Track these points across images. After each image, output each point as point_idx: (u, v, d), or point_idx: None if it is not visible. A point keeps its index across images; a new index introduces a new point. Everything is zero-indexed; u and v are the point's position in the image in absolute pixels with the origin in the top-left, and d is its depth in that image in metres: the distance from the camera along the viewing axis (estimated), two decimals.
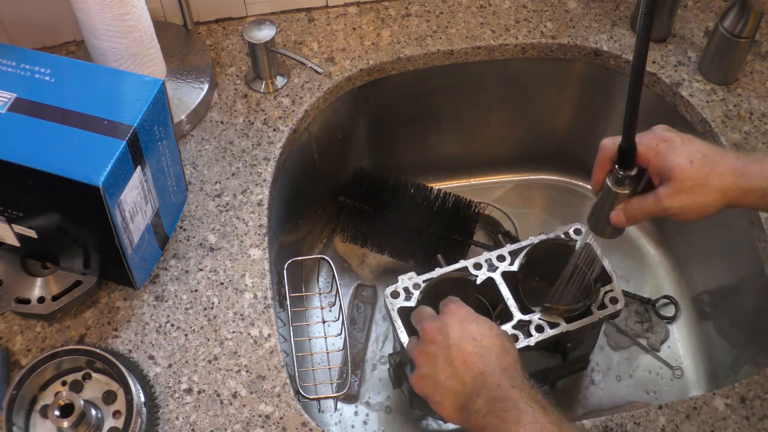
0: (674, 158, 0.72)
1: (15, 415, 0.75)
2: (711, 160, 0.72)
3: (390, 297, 0.89)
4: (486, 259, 0.92)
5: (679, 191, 0.72)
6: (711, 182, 0.72)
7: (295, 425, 0.80)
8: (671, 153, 0.72)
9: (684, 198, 0.72)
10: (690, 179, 0.72)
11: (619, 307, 0.88)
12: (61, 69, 0.78)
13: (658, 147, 0.73)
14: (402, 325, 0.87)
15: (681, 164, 0.72)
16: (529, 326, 0.87)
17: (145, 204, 0.81)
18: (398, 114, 1.17)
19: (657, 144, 0.73)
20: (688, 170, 0.72)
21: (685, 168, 0.72)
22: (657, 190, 0.74)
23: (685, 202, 0.72)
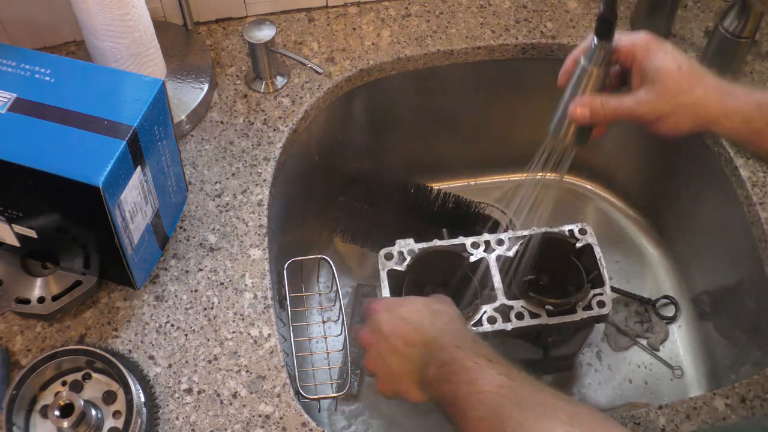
0: (663, 59, 0.68)
1: (15, 415, 0.75)
2: (699, 71, 0.69)
3: (383, 258, 0.92)
4: (485, 240, 0.93)
5: (662, 96, 0.68)
6: (696, 93, 0.68)
7: (295, 425, 0.80)
8: (661, 54, 0.68)
9: (664, 105, 0.68)
10: (676, 84, 0.67)
11: (604, 311, 0.88)
12: (61, 69, 0.78)
13: (649, 45, 0.69)
14: (388, 287, 0.90)
15: (669, 67, 0.67)
16: (510, 312, 0.88)
17: (145, 204, 0.81)
18: (398, 114, 1.17)
19: (648, 42, 0.69)
20: (675, 75, 0.67)
21: (672, 71, 0.67)
22: (637, 91, 0.69)
23: (665, 109, 0.68)
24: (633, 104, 0.69)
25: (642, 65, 0.69)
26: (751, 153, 0.70)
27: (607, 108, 0.69)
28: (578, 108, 0.70)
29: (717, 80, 0.69)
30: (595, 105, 0.70)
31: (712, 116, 0.68)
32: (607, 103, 0.69)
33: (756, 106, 0.67)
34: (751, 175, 0.97)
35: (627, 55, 0.69)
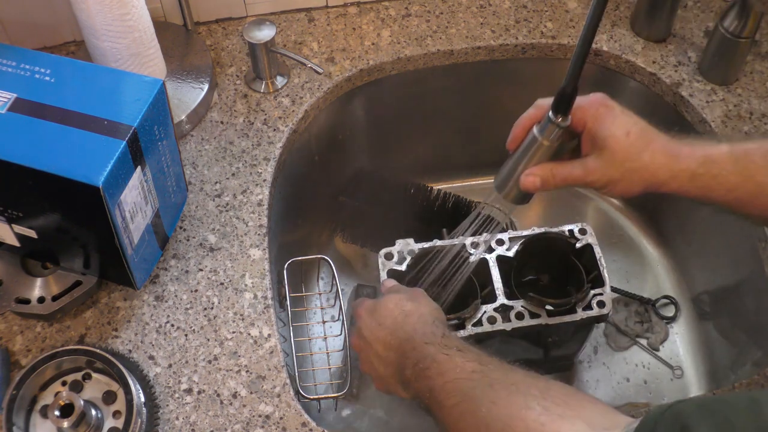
0: (611, 126, 0.69)
1: (15, 415, 0.75)
2: (646, 135, 0.70)
3: (383, 258, 0.92)
4: (485, 240, 0.93)
5: (610, 163, 0.69)
6: (643, 159, 0.69)
7: (295, 425, 0.80)
8: (609, 120, 0.69)
9: (613, 171, 0.69)
10: (623, 152, 0.69)
11: (604, 311, 0.88)
12: (61, 69, 0.78)
13: (598, 111, 0.70)
14: None
15: (617, 134, 0.69)
16: (511, 312, 0.88)
17: (145, 204, 0.81)
18: (398, 114, 1.17)
19: (597, 108, 0.70)
20: (622, 142, 0.68)
21: (620, 139, 0.68)
22: (586, 159, 0.70)
23: (614, 176, 0.69)
24: (582, 173, 0.70)
25: (592, 132, 0.70)
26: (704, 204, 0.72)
27: (558, 177, 0.71)
28: (530, 177, 0.72)
29: (665, 142, 0.70)
30: (545, 175, 0.71)
31: (660, 179, 0.70)
32: (557, 173, 0.71)
33: (701, 163, 0.69)
34: None
35: (578, 121, 0.70)
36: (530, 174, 0.71)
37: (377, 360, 0.77)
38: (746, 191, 0.69)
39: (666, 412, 0.49)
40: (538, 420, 0.58)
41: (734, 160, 0.68)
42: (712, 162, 0.69)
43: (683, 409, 0.48)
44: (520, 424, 0.58)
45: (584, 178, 0.70)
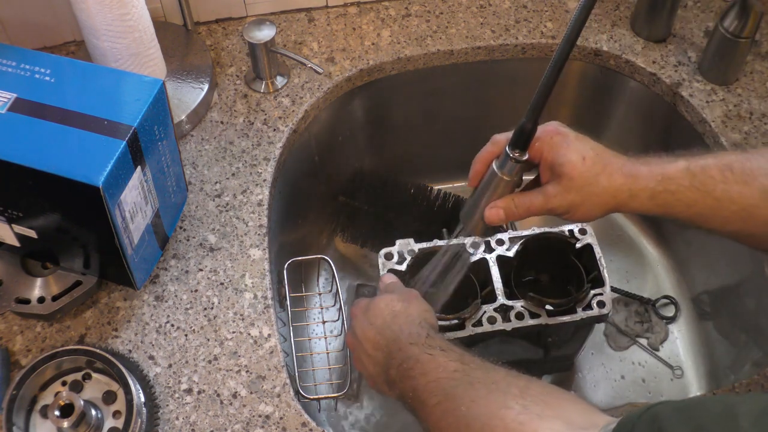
0: (566, 153, 0.70)
1: (15, 415, 0.75)
2: (602, 159, 0.71)
3: (383, 258, 0.92)
4: (485, 240, 0.93)
5: (569, 189, 0.70)
6: (601, 182, 0.70)
7: (295, 425, 0.80)
8: (564, 148, 0.71)
9: (573, 196, 0.70)
10: (580, 177, 0.70)
11: (604, 311, 0.88)
12: (61, 69, 0.78)
13: (553, 140, 0.71)
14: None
15: (573, 160, 0.70)
16: (510, 312, 0.88)
17: (145, 204, 0.81)
18: (398, 114, 1.17)
19: (552, 137, 0.71)
20: (579, 167, 0.70)
21: (576, 165, 0.70)
22: (545, 187, 0.72)
23: (574, 200, 0.71)
24: (543, 201, 0.72)
25: (548, 161, 0.71)
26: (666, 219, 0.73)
27: (521, 208, 0.73)
28: (493, 210, 0.73)
29: (622, 163, 0.71)
30: (509, 207, 0.73)
31: (620, 200, 0.71)
32: (520, 204, 0.73)
33: (659, 181, 0.70)
34: None
35: (535, 152, 0.72)
36: (493, 207, 0.73)
37: (367, 359, 0.77)
38: (705, 206, 0.70)
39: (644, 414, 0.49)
40: (517, 419, 0.58)
41: (691, 175, 0.69)
42: (669, 179, 0.70)
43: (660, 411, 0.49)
44: (499, 423, 0.58)
45: (545, 205, 0.72)
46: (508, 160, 0.70)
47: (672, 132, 1.08)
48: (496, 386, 0.63)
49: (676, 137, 1.08)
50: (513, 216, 0.73)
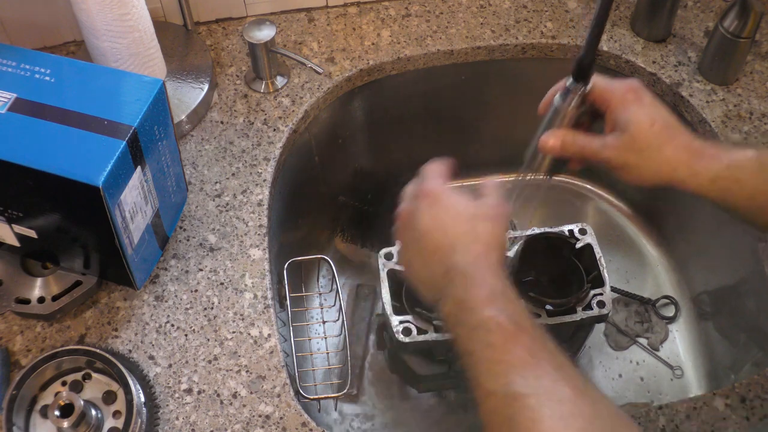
0: (637, 112, 0.69)
1: (15, 415, 0.75)
2: (672, 130, 0.69)
3: (383, 258, 0.92)
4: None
5: (629, 148, 0.69)
6: (664, 152, 0.68)
7: (295, 425, 0.80)
8: (635, 106, 0.69)
9: (630, 156, 0.69)
10: (644, 140, 0.68)
11: (604, 311, 0.88)
12: (61, 69, 0.78)
13: (626, 96, 0.70)
14: (387, 287, 0.89)
15: (641, 121, 0.68)
16: None
17: (145, 204, 0.81)
18: (398, 114, 1.17)
19: (626, 93, 0.70)
20: (645, 131, 0.68)
21: (643, 127, 0.68)
22: (607, 136, 0.70)
23: (630, 161, 0.69)
24: (599, 147, 0.70)
25: (615, 114, 0.70)
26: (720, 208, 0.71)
27: (576, 145, 0.71)
28: (550, 140, 0.72)
29: (690, 140, 0.70)
30: (566, 139, 0.72)
31: (679, 176, 0.69)
32: (576, 141, 0.71)
33: (725, 166, 0.68)
34: None
35: (602, 100, 0.70)
36: (551, 135, 0.71)
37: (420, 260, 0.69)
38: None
39: None
40: None
41: (760, 166, 0.68)
42: (736, 166, 0.68)
43: None
44: None
45: (599, 153, 0.70)
46: (569, 93, 0.70)
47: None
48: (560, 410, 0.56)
49: None
50: (567, 148, 0.70)
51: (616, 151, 0.69)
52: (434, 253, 0.67)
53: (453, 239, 0.67)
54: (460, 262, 0.65)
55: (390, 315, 0.88)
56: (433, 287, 0.67)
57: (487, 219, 0.68)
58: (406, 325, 0.88)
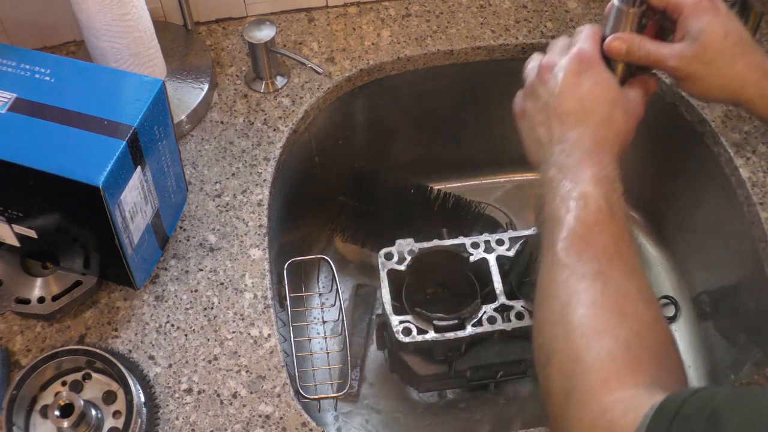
0: (711, 22, 0.66)
1: (15, 415, 0.75)
2: (746, 45, 0.66)
3: (383, 258, 0.92)
4: (485, 240, 0.93)
5: (698, 58, 0.66)
6: (735, 67, 0.66)
7: (295, 425, 0.80)
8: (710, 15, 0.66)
9: (698, 67, 0.66)
10: (715, 51, 0.66)
11: None
12: (61, 69, 0.78)
13: (700, 4, 0.67)
14: (387, 287, 0.89)
15: (714, 31, 0.65)
16: (511, 312, 0.88)
17: (145, 204, 0.81)
18: (398, 114, 1.17)
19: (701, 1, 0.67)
20: (717, 42, 0.65)
21: (716, 37, 0.65)
22: (675, 44, 0.67)
23: (697, 71, 0.66)
24: (667, 55, 0.67)
25: (687, 21, 0.67)
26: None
27: (643, 49, 0.68)
28: (616, 41, 0.68)
29: (763, 59, 0.67)
30: (633, 42, 0.68)
31: (746, 94, 0.67)
32: (643, 46, 0.68)
33: None
34: (751, 175, 0.97)
35: (674, 7, 0.67)
36: (617, 38, 0.68)
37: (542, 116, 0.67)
38: None
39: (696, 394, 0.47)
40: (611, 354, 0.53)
41: None
42: None
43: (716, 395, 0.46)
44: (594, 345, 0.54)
45: (666, 60, 0.67)
46: None
47: (672, 132, 1.08)
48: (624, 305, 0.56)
49: (676, 137, 1.08)
50: (633, 53, 0.68)
51: (685, 60, 0.67)
52: (562, 116, 0.66)
53: (587, 113, 0.65)
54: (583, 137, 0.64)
55: (390, 315, 0.88)
56: (544, 148, 0.66)
57: (626, 112, 0.67)
58: (406, 325, 0.88)
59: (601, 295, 0.57)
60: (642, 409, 0.49)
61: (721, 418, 0.44)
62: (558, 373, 0.57)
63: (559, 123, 0.66)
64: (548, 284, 0.60)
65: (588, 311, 0.56)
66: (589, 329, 0.55)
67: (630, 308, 0.57)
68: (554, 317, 0.59)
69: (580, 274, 0.58)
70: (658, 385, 0.52)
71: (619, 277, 0.58)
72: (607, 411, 0.51)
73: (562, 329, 0.57)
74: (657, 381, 0.53)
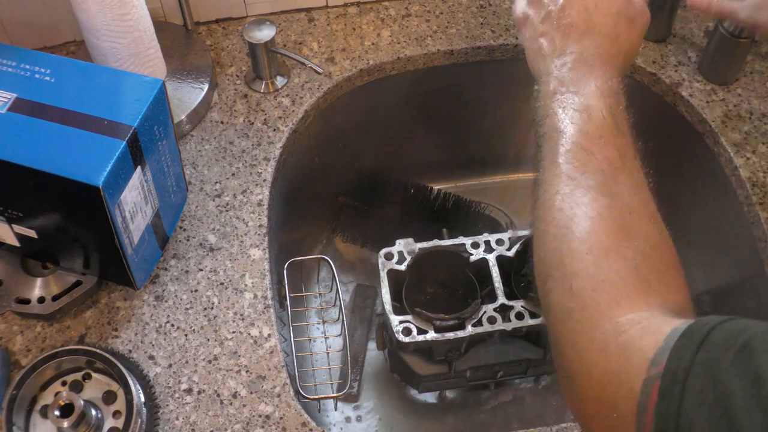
0: None
1: (15, 415, 0.75)
2: None
3: (383, 258, 0.92)
4: (485, 240, 0.93)
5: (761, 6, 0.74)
6: None
7: (295, 425, 0.80)
8: None
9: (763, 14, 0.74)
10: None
11: None
12: (61, 69, 0.78)
13: None
14: (388, 287, 0.89)
15: None
16: (510, 312, 0.88)
17: (145, 204, 0.81)
18: (398, 114, 1.17)
19: None
20: None
21: None
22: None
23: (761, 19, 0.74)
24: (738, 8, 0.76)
25: None
26: None
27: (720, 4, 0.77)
28: None
29: None
30: None
31: None
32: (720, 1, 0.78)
33: None
34: (751, 175, 0.97)
35: None
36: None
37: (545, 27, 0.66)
38: None
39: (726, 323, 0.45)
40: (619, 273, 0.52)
41: None
42: None
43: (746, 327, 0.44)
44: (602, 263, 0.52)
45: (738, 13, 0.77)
46: None
47: (672, 132, 1.08)
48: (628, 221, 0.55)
49: (676, 137, 1.08)
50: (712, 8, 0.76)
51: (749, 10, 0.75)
52: (566, 29, 0.65)
53: (591, 25, 0.64)
54: (587, 50, 0.63)
55: (390, 315, 0.88)
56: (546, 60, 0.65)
57: (631, 21, 0.66)
58: (406, 325, 0.88)
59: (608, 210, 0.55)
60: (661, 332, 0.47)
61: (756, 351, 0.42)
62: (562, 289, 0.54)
63: (562, 35, 0.65)
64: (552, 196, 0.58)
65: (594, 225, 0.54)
66: (596, 246, 0.54)
67: (636, 226, 0.55)
68: (558, 231, 0.56)
69: (585, 186, 0.56)
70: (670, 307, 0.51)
71: (624, 193, 0.56)
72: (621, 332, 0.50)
73: (566, 243, 0.55)
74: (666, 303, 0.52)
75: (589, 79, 0.61)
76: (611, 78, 0.62)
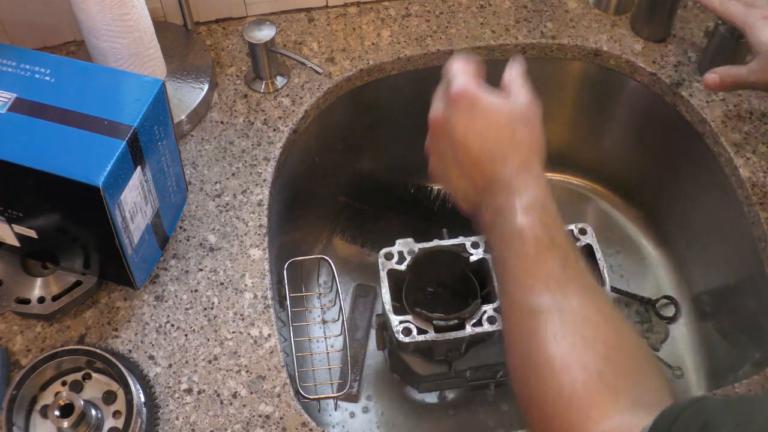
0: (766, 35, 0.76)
1: (15, 415, 0.75)
2: None
3: (383, 258, 0.92)
4: (485, 240, 0.93)
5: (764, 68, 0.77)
6: None
7: (295, 425, 0.80)
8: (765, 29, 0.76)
9: None
10: None
11: None
12: (61, 69, 0.78)
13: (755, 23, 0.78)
14: (388, 287, 0.89)
15: None
16: None
17: (145, 204, 0.81)
18: (398, 114, 1.17)
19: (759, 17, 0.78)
20: None
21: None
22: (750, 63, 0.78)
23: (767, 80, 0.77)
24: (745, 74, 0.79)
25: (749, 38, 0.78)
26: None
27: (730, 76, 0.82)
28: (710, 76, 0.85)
29: None
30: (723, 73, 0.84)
31: None
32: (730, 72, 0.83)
33: None
34: (751, 175, 0.97)
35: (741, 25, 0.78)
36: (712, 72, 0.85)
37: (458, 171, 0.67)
38: None
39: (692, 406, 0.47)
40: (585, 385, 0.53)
41: None
42: None
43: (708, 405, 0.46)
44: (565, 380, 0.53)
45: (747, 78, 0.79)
46: None
47: (672, 132, 1.08)
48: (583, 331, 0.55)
49: (676, 137, 1.08)
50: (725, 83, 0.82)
51: (756, 74, 0.78)
52: (474, 164, 0.65)
53: (493, 148, 0.64)
54: (501, 173, 0.63)
55: (390, 315, 0.88)
56: (472, 198, 0.66)
57: (525, 123, 0.65)
58: (406, 325, 0.88)
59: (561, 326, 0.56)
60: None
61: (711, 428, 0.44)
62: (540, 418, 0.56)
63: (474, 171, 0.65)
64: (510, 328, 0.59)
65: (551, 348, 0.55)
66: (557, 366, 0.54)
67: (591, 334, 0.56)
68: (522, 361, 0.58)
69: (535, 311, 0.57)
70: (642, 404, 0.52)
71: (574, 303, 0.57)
72: None
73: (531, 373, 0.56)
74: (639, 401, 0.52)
75: (512, 200, 0.62)
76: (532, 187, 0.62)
